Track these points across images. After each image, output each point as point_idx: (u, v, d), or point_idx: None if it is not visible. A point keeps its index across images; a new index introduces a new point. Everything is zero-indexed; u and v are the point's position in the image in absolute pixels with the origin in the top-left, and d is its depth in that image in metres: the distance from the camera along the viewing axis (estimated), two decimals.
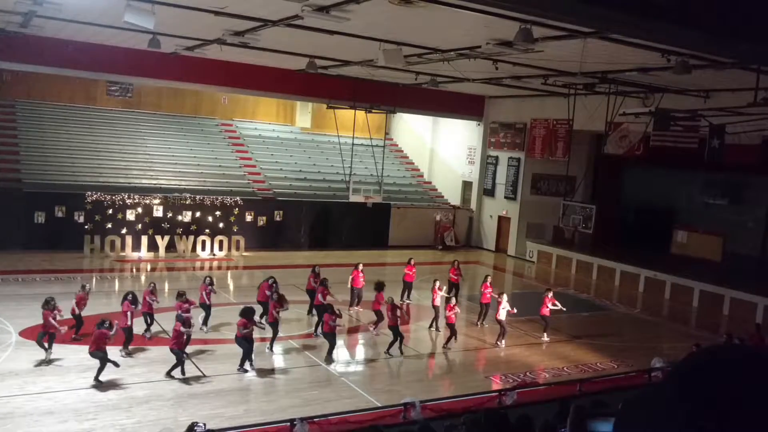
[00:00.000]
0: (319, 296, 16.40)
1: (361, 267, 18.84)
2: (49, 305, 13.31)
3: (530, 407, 10.62)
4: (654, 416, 1.09)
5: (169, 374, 12.74)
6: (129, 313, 13.86)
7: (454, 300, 16.85)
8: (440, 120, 35.04)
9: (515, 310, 16.65)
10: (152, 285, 15.76)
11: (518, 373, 14.80)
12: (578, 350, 17.00)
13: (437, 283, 17.43)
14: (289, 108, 35.26)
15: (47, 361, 13.06)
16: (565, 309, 17.57)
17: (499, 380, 14.42)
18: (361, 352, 16.09)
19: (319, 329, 15.68)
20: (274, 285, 16.40)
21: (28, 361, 13.05)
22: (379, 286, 16.59)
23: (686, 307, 23.45)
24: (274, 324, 15.05)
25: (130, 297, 14.18)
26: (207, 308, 15.96)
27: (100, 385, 12.11)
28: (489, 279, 18.30)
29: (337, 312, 14.69)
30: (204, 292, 15.94)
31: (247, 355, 13.43)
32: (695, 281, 23.67)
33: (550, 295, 17.28)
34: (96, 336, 12.30)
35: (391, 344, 15.20)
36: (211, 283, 16.20)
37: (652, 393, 1.13)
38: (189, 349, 13.86)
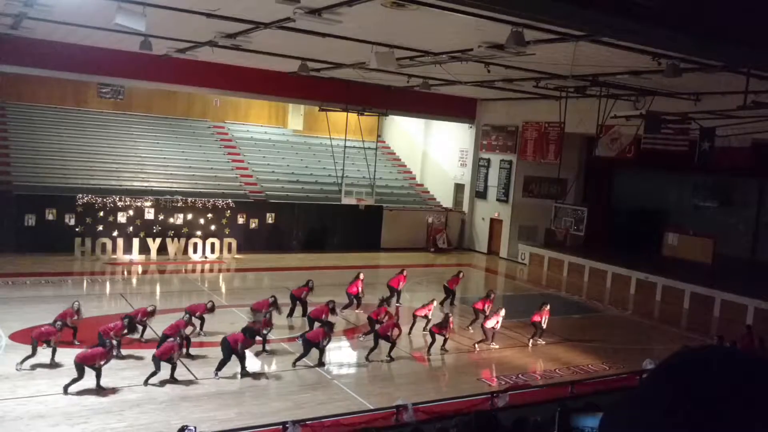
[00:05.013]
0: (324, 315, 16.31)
1: (362, 276, 18.99)
2: (54, 324, 13.40)
3: (522, 409, 10.66)
4: (634, 415, 1.11)
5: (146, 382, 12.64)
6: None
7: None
8: (432, 122, 35.10)
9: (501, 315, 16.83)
10: (152, 308, 15.45)
11: (510, 375, 14.85)
12: (570, 352, 17.05)
13: (435, 302, 17.60)
14: (281, 110, 35.24)
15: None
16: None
17: (492, 382, 14.45)
18: (353, 356, 16.07)
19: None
20: (274, 303, 16.45)
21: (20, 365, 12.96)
22: (383, 302, 17.17)
23: (677, 308, 23.55)
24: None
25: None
26: (201, 318, 15.83)
27: (101, 390, 12.05)
28: (492, 296, 18.46)
29: (329, 335, 14.59)
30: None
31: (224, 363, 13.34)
32: (686, 283, 23.78)
33: (547, 308, 17.35)
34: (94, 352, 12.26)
35: (371, 350, 15.20)
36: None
37: (635, 392, 1.15)
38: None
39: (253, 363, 14.01)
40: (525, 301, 21.67)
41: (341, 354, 16.09)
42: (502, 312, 16.72)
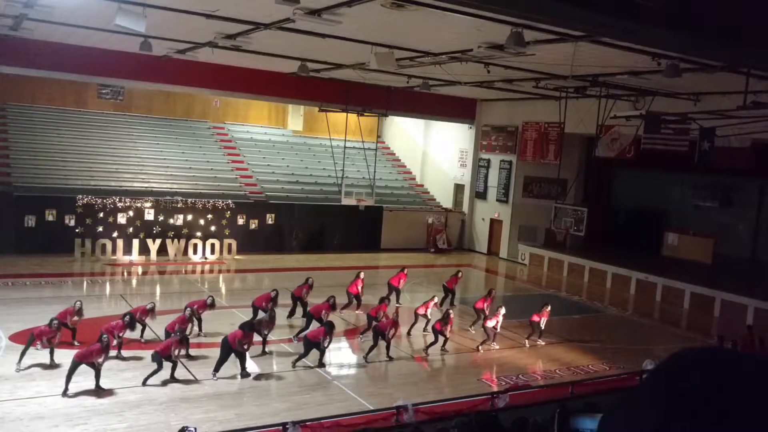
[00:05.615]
0: (323, 312, 16.30)
1: (362, 275, 19.11)
2: (51, 324, 13.34)
3: (522, 410, 10.64)
4: (632, 416, 1.11)
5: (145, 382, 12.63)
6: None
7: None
8: (432, 123, 35.10)
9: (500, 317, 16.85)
10: (151, 305, 15.40)
11: (511, 376, 14.84)
12: (570, 352, 17.04)
13: (435, 299, 17.70)
14: (281, 111, 35.24)
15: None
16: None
17: (492, 383, 14.44)
18: (353, 356, 16.06)
19: (308, 332, 15.54)
20: (275, 299, 16.47)
21: (18, 365, 12.96)
22: (383, 300, 17.26)
23: (677, 309, 23.55)
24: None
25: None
26: (198, 319, 15.81)
27: (100, 391, 12.04)
28: (493, 294, 18.56)
29: (330, 335, 14.57)
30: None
31: (222, 363, 13.31)
32: (686, 283, 23.79)
33: (548, 309, 17.37)
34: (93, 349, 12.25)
35: (371, 349, 15.19)
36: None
37: (634, 392, 1.15)
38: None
39: (252, 364, 14.00)
40: (525, 301, 21.66)
41: (341, 355, 16.07)
42: (503, 311, 16.72)
